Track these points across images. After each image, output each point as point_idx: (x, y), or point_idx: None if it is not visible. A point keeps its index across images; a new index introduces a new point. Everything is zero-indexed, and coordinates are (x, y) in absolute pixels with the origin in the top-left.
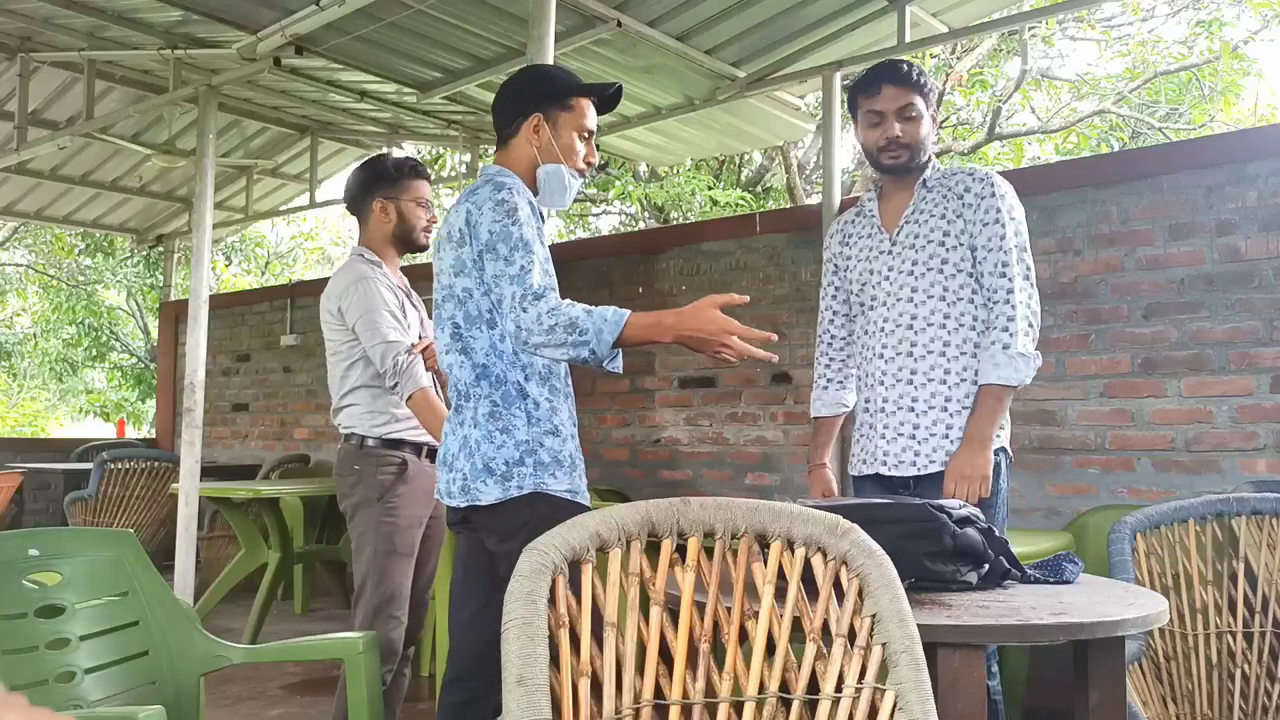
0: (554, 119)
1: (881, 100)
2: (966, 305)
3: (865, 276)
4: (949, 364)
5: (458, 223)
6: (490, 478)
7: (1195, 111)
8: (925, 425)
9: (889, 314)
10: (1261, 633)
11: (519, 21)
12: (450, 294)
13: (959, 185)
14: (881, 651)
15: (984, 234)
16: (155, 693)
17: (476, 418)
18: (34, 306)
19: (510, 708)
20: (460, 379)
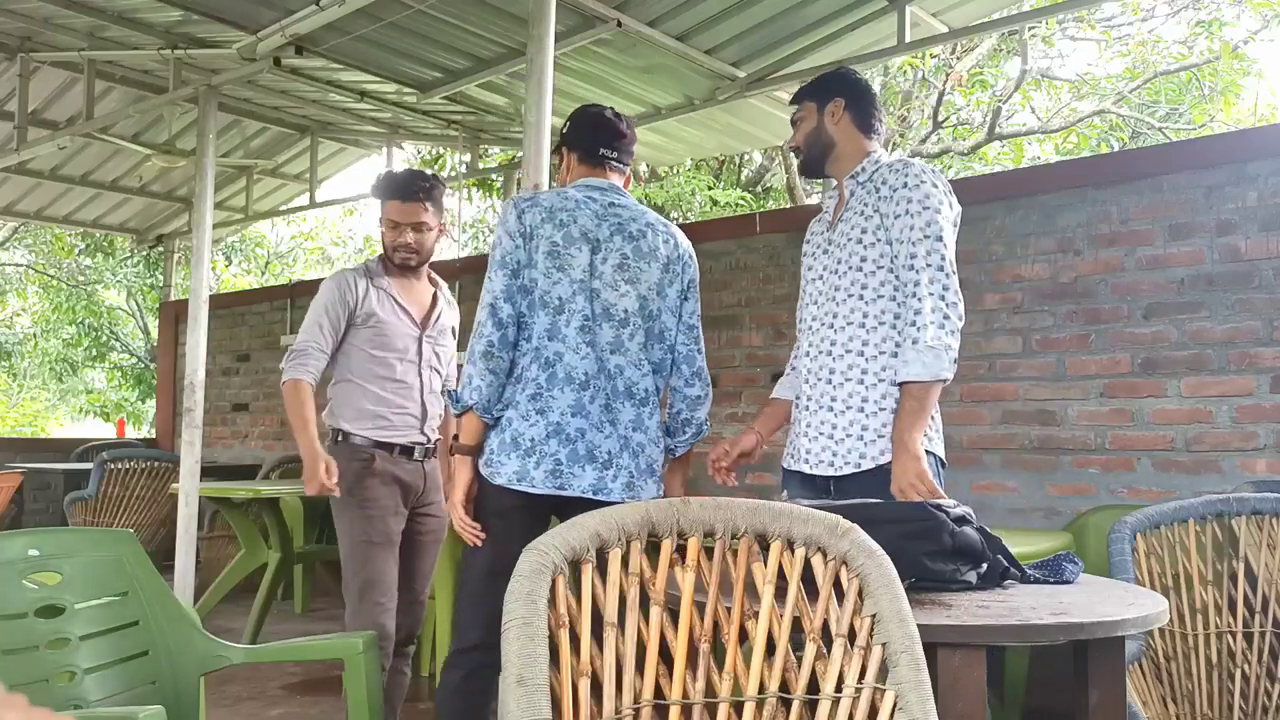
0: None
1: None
2: (887, 303)
3: (807, 273)
4: (866, 364)
5: (668, 251)
6: (651, 477)
7: (1195, 111)
8: (842, 426)
9: (816, 312)
10: (1261, 633)
11: (519, 21)
12: (644, 306)
13: (878, 178)
14: (881, 651)
15: (896, 225)
16: (155, 693)
17: (647, 424)
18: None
19: (510, 708)
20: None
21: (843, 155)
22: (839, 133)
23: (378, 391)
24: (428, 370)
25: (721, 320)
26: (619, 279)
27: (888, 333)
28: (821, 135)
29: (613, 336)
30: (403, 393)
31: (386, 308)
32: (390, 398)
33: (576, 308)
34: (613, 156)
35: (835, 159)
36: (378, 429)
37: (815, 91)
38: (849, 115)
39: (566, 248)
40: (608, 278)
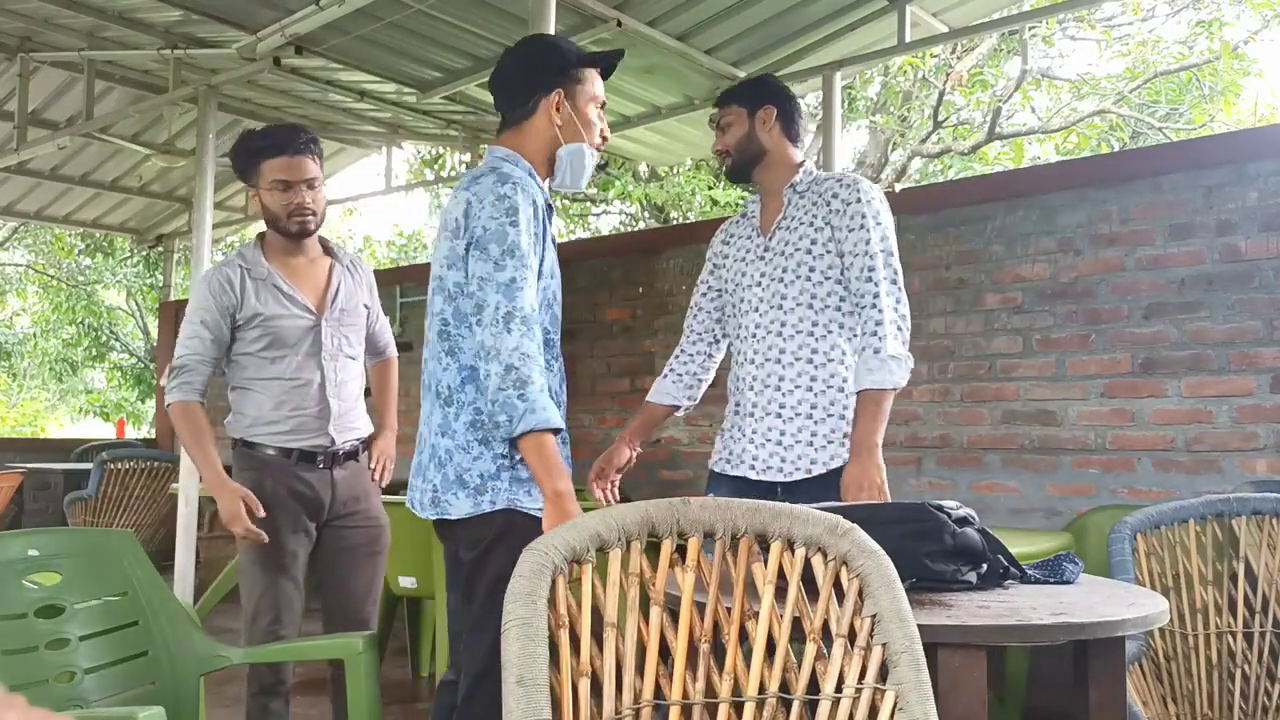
0: (571, 93)
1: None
2: (834, 313)
3: (739, 279)
4: (816, 371)
5: (455, 212)
6: (462, 490)
7: (1195, 111)
8: (791, 432)
9: (760, 320)
10: (1261, 633)
11: (519, 21)
12: (440, 287)
13: (828, 191)
14: (881, 652)
15: (850, 239)
16: (155, 693)
17: (454, 426)
18: (34, 306)
19: (510, 708)
20: (443, 381)
21: (773, 163)
22: (770, 140)
23: (274, 395)
24: (332, 361)
25: None
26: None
27: (835, 340)
28: (753, 142)
29: (431, 332)
30: (300, 392)
31: (271, 302)
32: (286, 399)
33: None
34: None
35: (765, 166)
36: (275, 434)
37: (746, 96)
38: (779, 123)
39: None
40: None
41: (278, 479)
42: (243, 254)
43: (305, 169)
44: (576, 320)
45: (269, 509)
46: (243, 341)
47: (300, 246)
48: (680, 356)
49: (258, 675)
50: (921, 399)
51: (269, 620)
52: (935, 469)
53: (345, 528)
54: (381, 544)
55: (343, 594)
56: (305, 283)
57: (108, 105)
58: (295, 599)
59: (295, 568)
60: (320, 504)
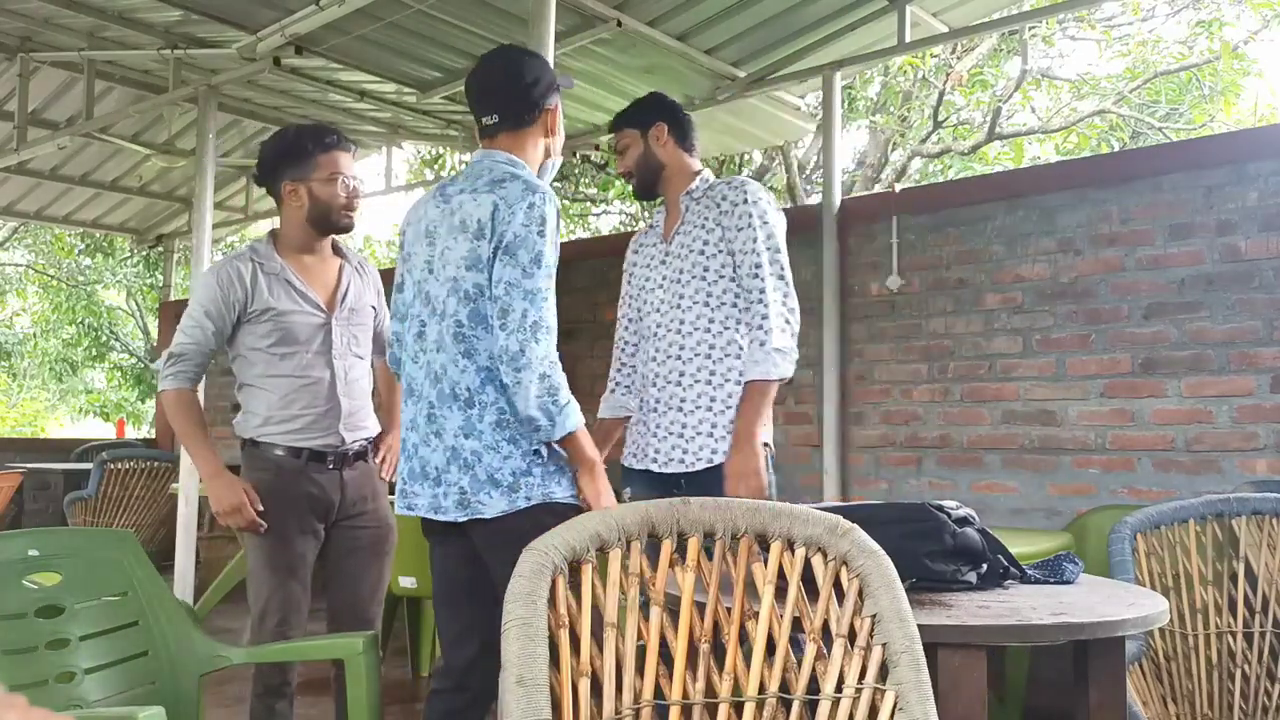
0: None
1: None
2: (730, 310)
3: (644, 284)
4: (714, 365)
5: (477, 213)
6: (495, 489)
7: (1195, 111)
8: (692, 425)
9: (661, 319)
10: (1261, 633)
11: (519, 21)
12: (455, 288)
13: (718, 195)
14: (881, 651)
15: (739, 239)
16: (155, 693)
17: (478, 427)
18: (34, 306)
19: (510, 708)
20: (459, 383)
21: (673, 175)
22: (666, 154)
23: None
24: (342, 360)
25: None
26: (439, 265)
27: (732, 336)
28: (650, 159)
29: (436, 333)
30: (311, 390)
31: (284, 297)
32: (297, 396)
33: (415, 311)
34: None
35: (666, 179)
36: (286, 433)
37: (636, 118)
38: (672, 137)
39: (412, 246)
40: (435, 268)
41: (288, 479)
42: (255, 249)
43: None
44: (576, 320)
45: (279, 509)
46: (253, 336)
47: (314, 245)
48: (622, 370)
49: (263, 676)
50: (921, 399)
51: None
52: (935, 469)
53: (354, 528)
54: (389, 544)
55: (350, 594)
56: (316, 280)
57: (108, 105)
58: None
59: (303, 569)
60: (330, 504)
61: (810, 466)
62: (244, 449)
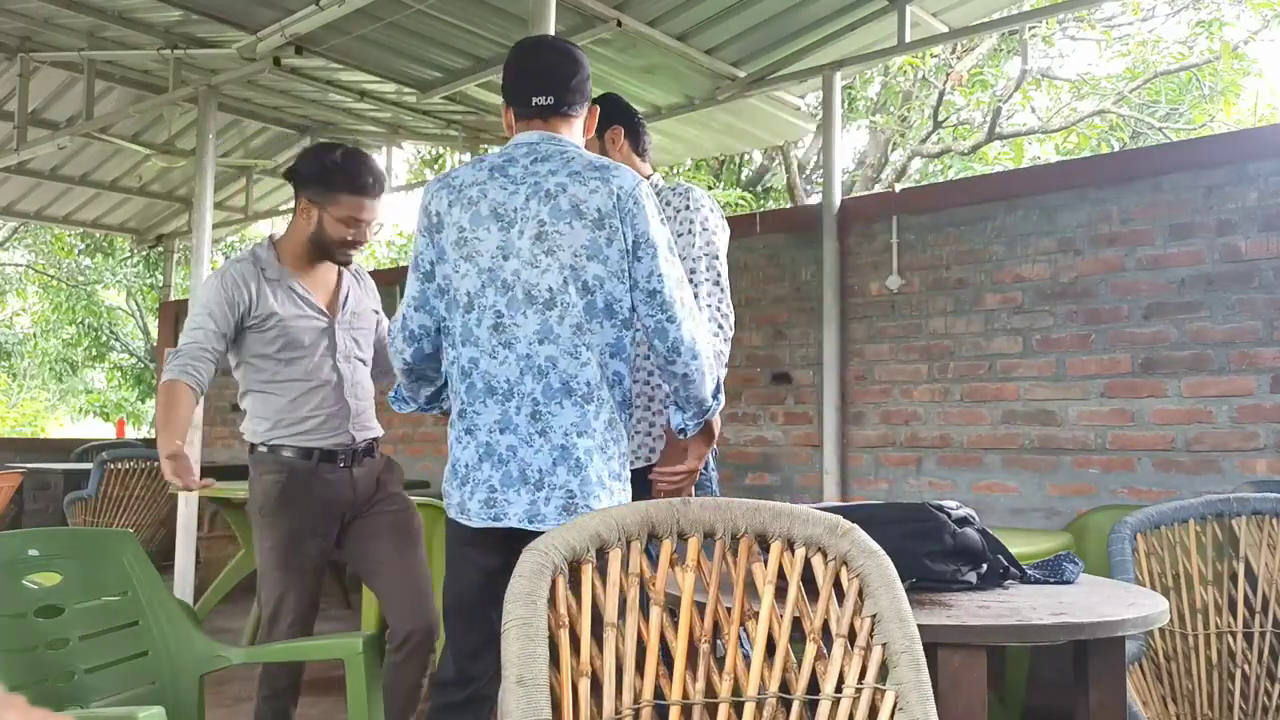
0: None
1: None
2: None
3: None
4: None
5: (595, 201)
6: (603, 490)
7: (1195, 111)
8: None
9: None
10: (1261, 633)
11: (519, 21)
12: (575, 277)
13: (663, 200)
14: (881, 651)
15: (679, 244)
16: (155, 693)
17: (593, 425)
18: (34, 306)
19: (510, 708)
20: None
21: None
22: (619, 157)
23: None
24: (346, 362)
25: None
26: (538, 252)
27: None
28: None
29: (539, 324)
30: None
31: (287, 303)
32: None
33: (487, 302)
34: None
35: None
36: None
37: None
38: (627, 141)
39: (474, 230)
40: (526, 254)
41: (299, 480)
42: (256, 254)
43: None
44: None
45: (291, 511)
46: (259, 342)
47: (312, 256)
48: None
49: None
50: (921, 399)
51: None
52: (935, 469)
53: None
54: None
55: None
56: (318, 286)
57: (108, 105)
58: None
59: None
60: (344, 502)
61: (810, 466)
62: (252, 454)
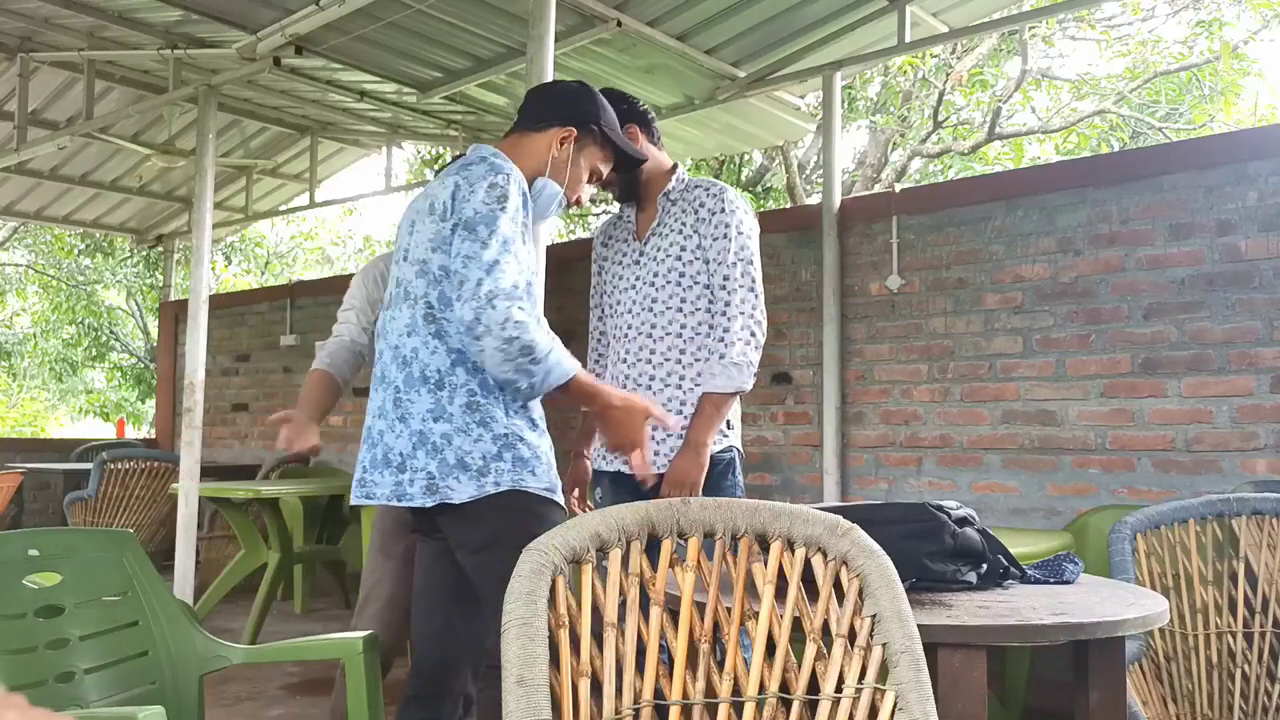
0: (582, 144)
1: None
2: (704, 315)
3: (616, 283)
4: (684, 370)
5: (443, 195)
6: (464, 474)
7: (1195, 111)
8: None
9: (632, 321)
10: (1261, 633)
11: (519, 21)
12: (424, 270)
13: (695, 200)
14: (881, 651)
15: (714, 248)
16: (155, 693)
17: (449, 409)
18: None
19: (510, 708)
20: (429, 364)
21: (653, 174)
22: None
23: None
24: None
25: None
26: (405, 249)
27: (703, 342)
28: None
29: (407, 318)
30: None
31: None
32: None
33: (388, 299)
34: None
35: (647, 179)
36: None
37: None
38: (644, 136)
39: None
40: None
41: None
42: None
43: None
44: (577, 320)
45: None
46: None
47: None
48: (600, 360)
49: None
50: (921, 399)
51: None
52: (935, 469)
53: None
54: None
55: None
56: None
57: (108, 105)
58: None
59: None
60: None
61: (810, 466)
62: None
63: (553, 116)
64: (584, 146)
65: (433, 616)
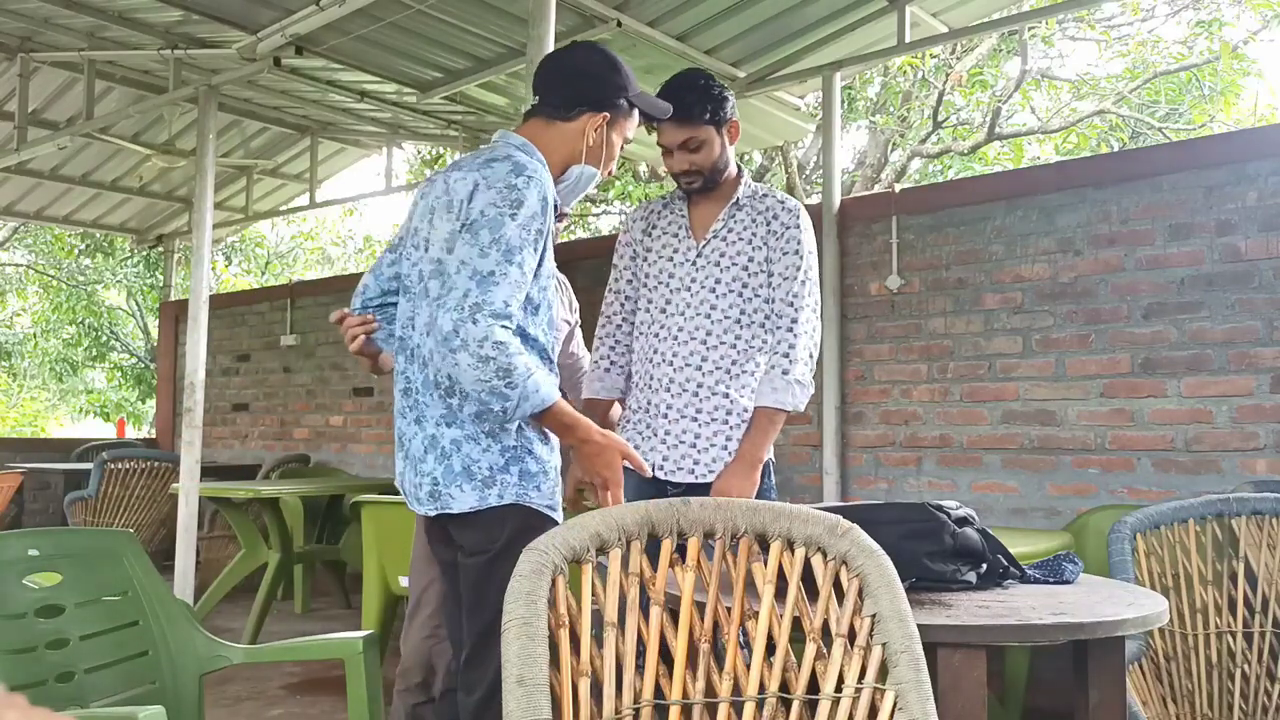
0: (614, 122)
1: (665, 135)
2: (758, 330)
3: (665, 279)
4: (732, 381)
5: (461, 193)
6: (468, 483)
7: (1195, 111)
8: (706, 436)
9: (685, 324)
10: (1261, 633)
11: (519, 21)
12: (439, 270)
13: (769, 211)
14: (881, 651)
15: (783, 261)
16: (155, 693)
17: (459, 416)
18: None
19: (510, 708)
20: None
21: (728, 176)
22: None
23: None
24: None
25: None
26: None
27: (755, 356)
28: (723, 159)
29: (427, 316)
30: None
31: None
32: None
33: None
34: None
35: (723, 181)
36: None
37: (714, 113)
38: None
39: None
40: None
41: None
42: None
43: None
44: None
45: None
46: None
47: None
48: (617, 348)
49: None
50: (921, 399)
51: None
52: (935, 469)
53: None
54: None
55: None
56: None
57: (108, 105)
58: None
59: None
60: None
61: (810, 466)
62: None
63: (583, 101)
64: (615, 122)
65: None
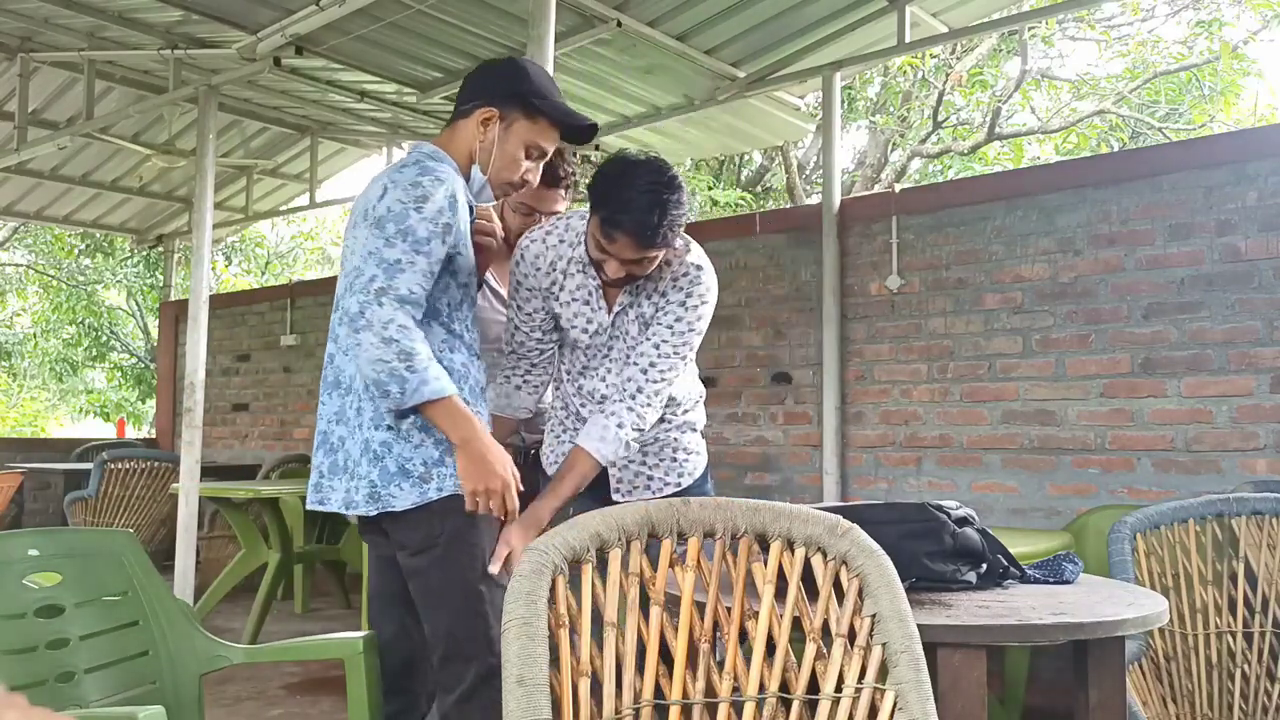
0: (509, 122)
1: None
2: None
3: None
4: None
5: (373, 196)
6: (406, 480)
7: (1195, 111)
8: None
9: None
10: (1261, 633)
11: (519, 21)
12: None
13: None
14: (881, 651)
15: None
16: (155, 693)
17: (387, 418)
18: (34, 306)
19: (510, 708)
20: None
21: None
22: None
23: None
24: None
25: (721, 320)
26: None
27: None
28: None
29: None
30: None
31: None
32: None
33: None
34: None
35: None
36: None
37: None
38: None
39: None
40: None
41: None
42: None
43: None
44: None
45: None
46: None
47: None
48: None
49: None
50: (921, 399)
51: None
52: (935, 469)
53: None
54: None
55: None
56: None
57: (108, 105)
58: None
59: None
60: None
61: (810, 466)
62: None
63: (475, 97)
64: (511, 123)
65: (388, 621)
